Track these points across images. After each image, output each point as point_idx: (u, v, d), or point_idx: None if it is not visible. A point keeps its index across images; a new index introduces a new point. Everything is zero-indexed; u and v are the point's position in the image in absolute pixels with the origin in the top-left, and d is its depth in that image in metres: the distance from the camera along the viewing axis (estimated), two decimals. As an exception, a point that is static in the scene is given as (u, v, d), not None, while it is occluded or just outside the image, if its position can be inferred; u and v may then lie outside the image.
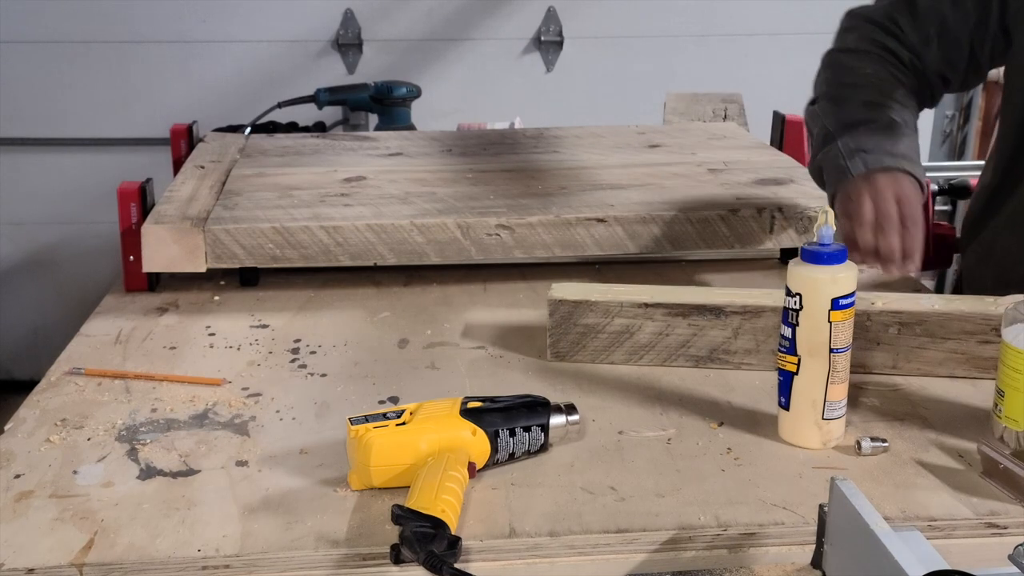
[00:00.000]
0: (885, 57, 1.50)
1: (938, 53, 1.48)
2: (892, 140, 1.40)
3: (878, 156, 1.37)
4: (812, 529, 0.95)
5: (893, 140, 1.40)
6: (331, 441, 1.14)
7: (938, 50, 1.48)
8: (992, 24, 1.45)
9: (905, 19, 1.49)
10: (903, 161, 1.37)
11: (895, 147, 1.39)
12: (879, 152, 1.38)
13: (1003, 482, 1.04)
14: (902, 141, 1.40)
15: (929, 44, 1.48)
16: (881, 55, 1.50)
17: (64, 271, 3.43)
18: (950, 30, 1.47)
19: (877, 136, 1.40)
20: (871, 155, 1.38)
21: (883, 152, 1.38)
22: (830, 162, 1.42)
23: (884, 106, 1.45)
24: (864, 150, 1.39)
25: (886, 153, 1.38)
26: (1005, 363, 1.11)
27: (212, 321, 1.48)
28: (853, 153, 1.39)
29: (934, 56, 1.48)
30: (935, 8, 1.47)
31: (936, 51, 1.48)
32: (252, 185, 1.74)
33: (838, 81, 1.52)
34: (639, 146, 2.01)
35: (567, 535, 0.98)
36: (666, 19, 3.35)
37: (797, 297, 1.11)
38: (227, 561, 0.94)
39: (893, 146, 1.39)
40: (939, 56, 1.48)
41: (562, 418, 1.12)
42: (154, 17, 3.25)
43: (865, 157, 1.38)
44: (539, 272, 1.64)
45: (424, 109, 3.04)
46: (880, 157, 1.37)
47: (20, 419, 1.20)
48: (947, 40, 1.47)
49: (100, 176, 3.16)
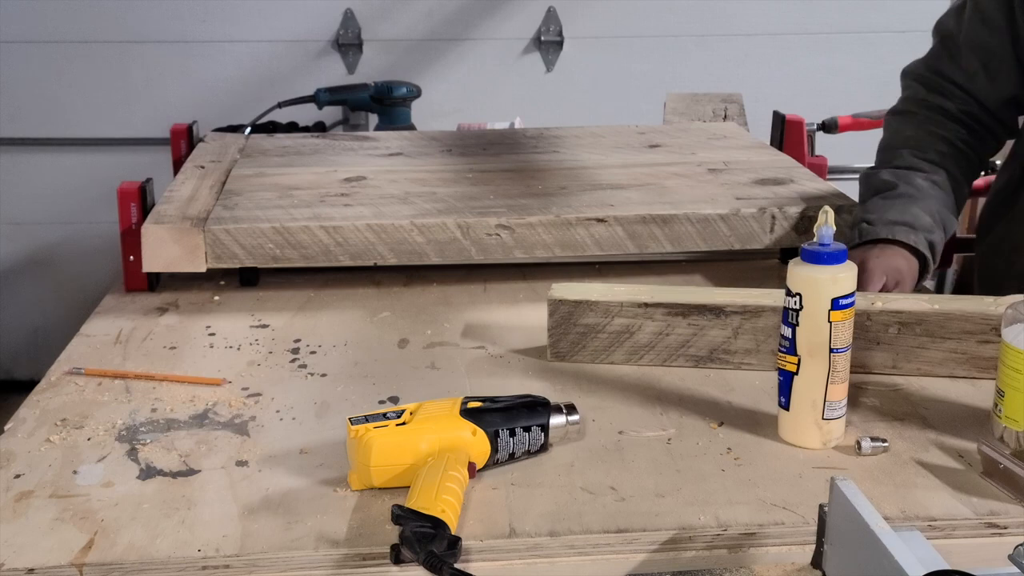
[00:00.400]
0: (930, 115, 1.54)
1: (987, 80, 1.51)
2: (900, 207, 1.44)
3: (875, 228, 1.43)
4: (812, 529, 0.95)
5: (901, 207, 1.44)
6: (331, 441, 1.14)
7: (987, 79, 1.50)
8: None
9: (946, 64, 1.53)
10: (898, 230, 1.41)
11: (899, 215, 1.43)
12: (879, 224, 1.43)
13: (1003, 482, 1.04)
14: (910, 208, 1.44)
15: (975, 78, 1.51)
16: (926, 115, 1.55)
17: (64, 271, 3.43)
18: (992, 54, 1.49)
19: (886, 204, 1.46)
20: (871, 227, 1.44)
21: (882, 223, 1.43)
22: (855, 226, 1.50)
23: (911, 170, 1.50)
24: (868, 221, 1.45)
25: (885, 223, 1.43)
26: (1005, 363, 1.11)
27: (212, 321, 1.48)
28: (858, 222, 1.47)
29: (986, 86, 1.51)
30: (973, 40, 1.50)
31: (986, 81, 1.51)
32: (252, 185, 1.74)
33: (883, 147, 1.59)
34: (639, 146, 2.01)
35: (567, 535, 0.98)
36: (666, 19, 3.35)
37: (797, 297, 1.11)
38: (227, 561, 0.94)
39: (897, 214, 1.43)
40: (992, 84, 1.51)
41: (562, 418, 1.12)
42: (154, 17, 3.25)
43: (864, 229, 1.45)
44: (539, 272, 1.64)
45: (424, 109, 3.04)
46: (876, 229, 1.43)
47: (20, 419, 1.20)
48: (993, 65, 1.49)
49: (100, 176, 3.16)
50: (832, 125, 2.56)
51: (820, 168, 1.98)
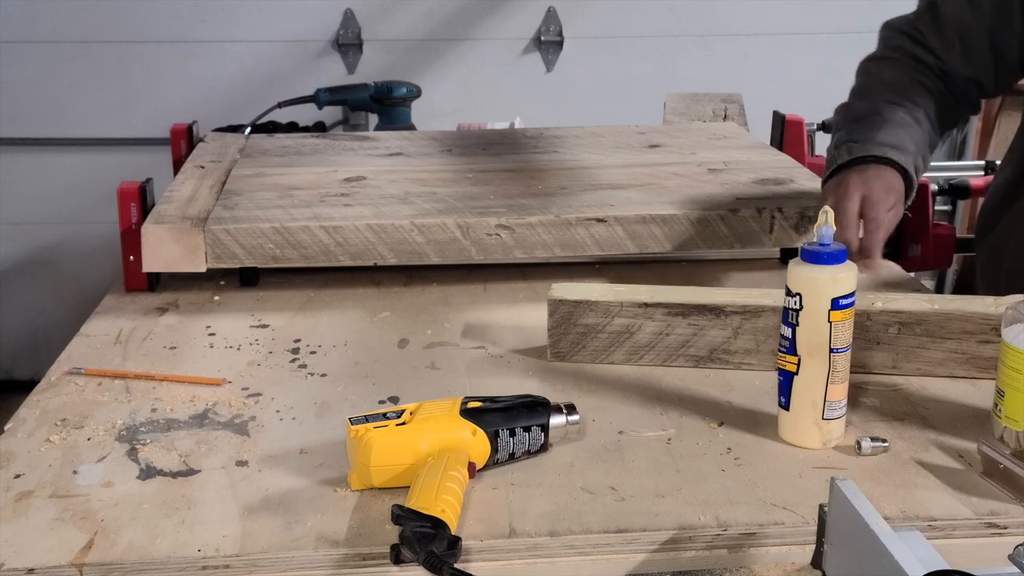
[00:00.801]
0: (908, 62, 1.53)
1: (962, 59, 1.50)
2: (887, 130, 1.41)
3: (863, 145, 1.38)
4: (812, 529, 0.95)
5: (888, 130, 1.41)
6: (331, 441, 1.14)
7: (962, 56, 1.50)
8: (1016, 22, 1.45)
9: (928, 27, 1.52)
10: (889, 150, 1.38)
11: (887, 136, 1.39)
12: (866, 142, 1.39)
13: (1003, 482, 1.04)
14: (897, 131, 1.41)
15: (952, 50, 1.50)
16: (905, 60, 1.53)
17: (64, 271, 3.43)
18: (971, 35, 1.48)
19: (873, 128, 1.41)
20: (857, 144, 1.39)
21: (871, 142, 1.39)
22: (827, 154, 1.47)
23: (894, 103, 1.47)
24: (853, 140, 1.40)
25: (875, 143, 1.38)
26: (1005, 363, 1.11)
27: (212, 321, 1.48)
28: (842, 144, 1.42)
29: (959, 62, 1.50)
30: (956, 15, 1.49)
31: (960, 57, 1.50)
32: (252, 185, 1.74)
33: (859, 86, 1.56)
34: (639, 146, 2.01)
35: (567, 535, 0.98)
36: (666, 19, 3.35)
37: (797, 297, 1.11)
38: (227, 561, 0.94)
39: (886, 135, 1.39)
40: (964, 61, 1.50)
41: (562, 418, 1.12)
42: (154, 17, 3.25)
43: (851, 147, 1.40)
44: (539, 272, 1.64)
45: (424, 109, 3.04)
46: (865, 146, 1.38)
47: (20, 419, 1.20)
48: (970, 45, 1.49)
49: (100, 176, 3.16)
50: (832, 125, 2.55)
51: (820, 168, 1.98)
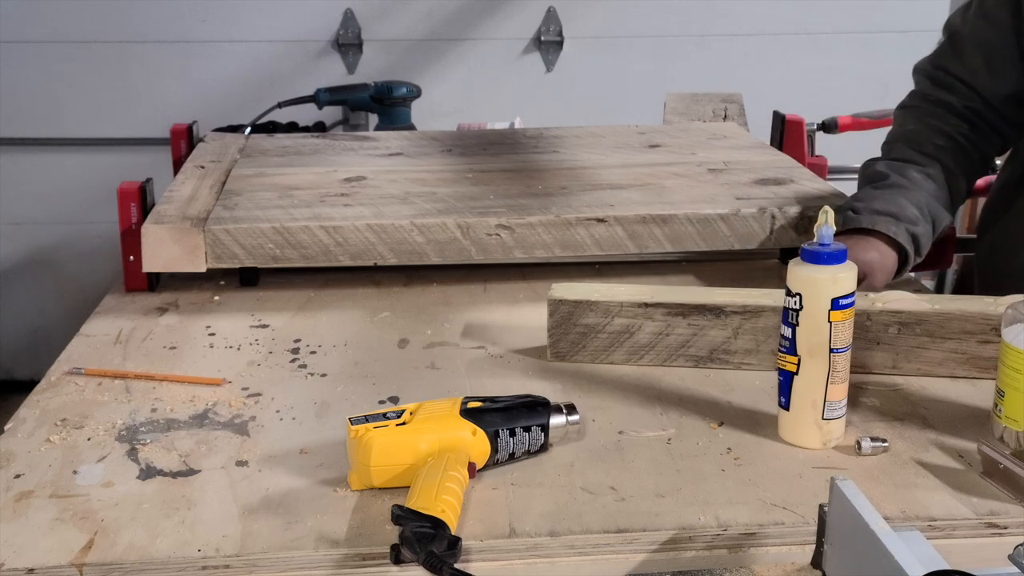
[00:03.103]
0: (932, 109, 1.55)
1: (990, 78, 1.51)
2: (886, 197, 1.45)
3: (858, 217, 1.43)
4: (812, 529, 0.95)
5: (888, 197, 1.45)
6: (331, 441, 1.14)
7: (988, 75, 1.51)
8: None
9: (951, 61, 1.55)
10: (880, 220, 1.42)
11: (884, 204, 1.44)
12: (864, 212, 1.44)
13: (1003, 482, 1.04)
14: (896, 199, 1.45)
15: (978, 74, 1.52)
16: (929, 108, 1.56)
17: (64, 271, 3.43)
18: (995, 47, 1.50)
19: (874, 193, 1.47)
20: (857, 215, 1.44)
21: (868, 211, 1.44)
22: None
23: (906, 162, 1.51)
24: (853, 209, 1.46)
25: (869, 212, 1.43)
26: (1005, 363, 1.11)
27: (212, 321, 1.48)
28: (844, 209, 1.47)
29: (989, 81, 1.52)
30: (976, 36, 1.51)
31: (988, 76, 1.51)
32: (252, 185, 1.74)
33: (885, 140, 1.60)
34: (639, 146, 2.01)
35: (567, 535, 0.98)
36: (666, 19, 3.35)
37: (797, 297, 1.11)
38: (227, 561, 0.94)
39: (882, 204, 1.44)
40: (994, 79, 1.51)
41: (562, 418, 1.12)
42: (154, 17, 3.25)
43: (847, 216, 1.45)
44: (539, 272, 1.64)
45: (424, 109, 3.04)
46: (859, 218, 1.43)
47: (20, 419, 1.20)
48: (996, 59, 1.50)
49: (100, 176, 3.16)
50: (832, 125, 2.56)
51: (820, 168, 1.98)
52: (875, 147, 1.64)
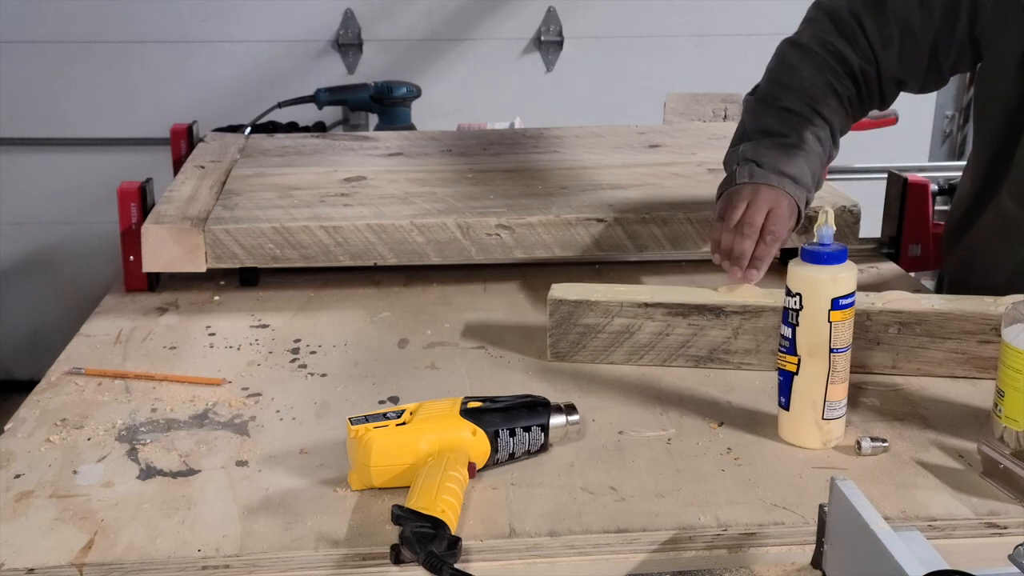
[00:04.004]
0: (830, 63, 1.49)
1: (897, 56, 1.47)
2: (789, 159, 1.42)
3: (766, 172, 1.41)
4: (812, 529, 0.95)
5: (790, 159, 1.42)
6: (331, 441, 1.14)
7: (898, 52, 1.46)
8: (959, 32, 1.42)
9: (869, 17, 1.47)
10: (787, 182, 1.40)
11: (788, 167, 1.42)
12: (769, 168, 1.41)
13: (1003, 482, 1.04)
14: (798, 162, 1.43)
15: (889, 46, 1.46)
16: (827, 60, 1.49)
17: (64, 271, 3.43)
18: (914, 33, 1.45)
19: (777, 151, 1.43)
20: (760, 169, 1.41)
21: (773, 169, 1.41)
22: (729, 163, 1.48)
23: (802, 119, 1.47)
24: (758, 163, 1.42)
25: (775, 171, 1.41)
26: (1005, 363, 1.11)
27: (212, 321, 1.48)
28: (747, 162, 1.44)
29: (892, 58, 1.47)
30: (901, 10, 1.45)
31: (896, 53, 1.46)
32: (252, 185, 1.74)
33: (775, 79, 1.53)
34: (639, 146, 2.01)
35: (567, 535, 0.98)
36: (666, 19, 3.35)
37: (797, 297, 1.11)
38: (227, 561, 0.94)
39: (786, 165, 1.42)
40: (898, 58, 1.47)
41: (562, 418, 1.12)
42: (154, 17, 3.25)
43: (754, 169, 1.42)
44: (539, 272, 1.64)
45: (424, 109, 3.04)
46: (767, 174, 1.41)
47: (20, 419, 1.20)
48: (909, 43, 1.45)
49: (100, 176, 3.16)
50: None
51: (820, 168, 1.98)
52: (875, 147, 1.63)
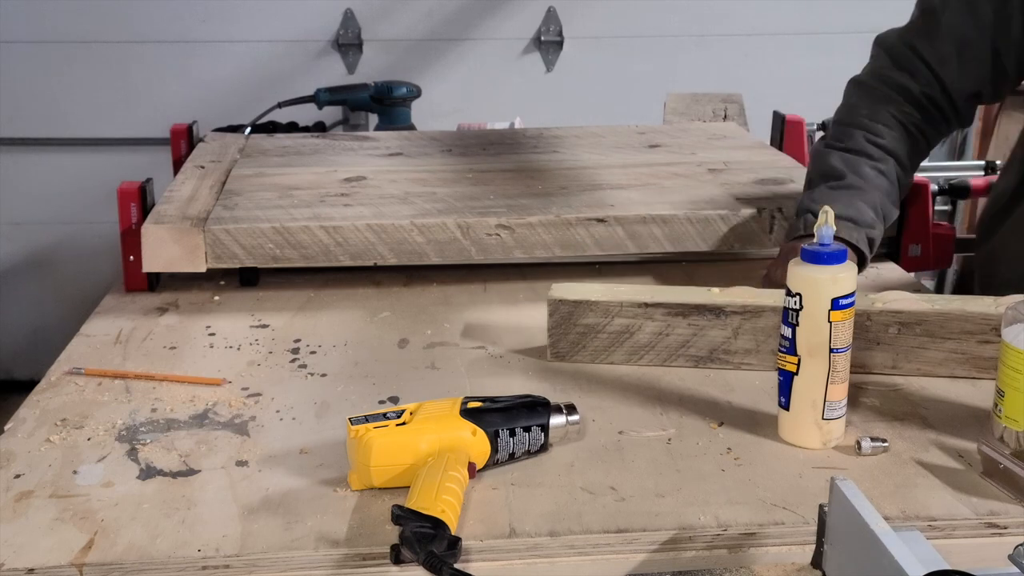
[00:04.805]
0: (889, 94, 1.51)
1: (958, 70, 1.47)
2: (845, 201, 1.43)
3: None
4: (812, 529, 0.95)
5: (846, 201, 1.43)
6: (331, 441, 1.14)
7: (958, 67, 1.47)
8: (1015, 32, 1.43)
9: (922, 42, 1.50)
10: (842, 226, 1.40)
11: (845, 209, 1.42)
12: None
13: (1003, 482, 1.04)
14: (855, 202, 1.44)
15: (948, 63, 1.48)
16: (886, 92, 1.52)
17: (64, 271, 3.43)
18: (970, 44, 1.46)
19: (833, 197, 1.44)
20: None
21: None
22: (794, 212, 1.52)
23: (861, 156, 1.48)
24: (813, 212, 1.44)
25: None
26: (1005, 363, 1.11)
27: (212, 321, 1.48)
28: (804, 212, 1.46)
29: (954, 74, 1.48)
30: (953, 25, 1.46)
31: (955, 69, 1.47)
32: (252, 185, 1.74)
33: (838, 120, 1.57)
34: (639, 146, 2.01)
35: (567, 535, 0.98)
36: (666, 19, 3.35)
37: (797, 297, 1.11)
38: (227, 561, 0.94)
39: (843, 208, 1.42)
40: (959, 73, 1.48)
41: (562, 418, 1.12)
42: (154, 17, 3.25)
43: (807, 219, 1.45)
44: (539, 272, 1.64)
45: (424, 109, 3.04)
46: None
47: (20, 419, 1.20)
48: (968, 55, 1.46)
49: (100, 176, 3.16)
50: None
51: (820, 168, 1.98)
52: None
